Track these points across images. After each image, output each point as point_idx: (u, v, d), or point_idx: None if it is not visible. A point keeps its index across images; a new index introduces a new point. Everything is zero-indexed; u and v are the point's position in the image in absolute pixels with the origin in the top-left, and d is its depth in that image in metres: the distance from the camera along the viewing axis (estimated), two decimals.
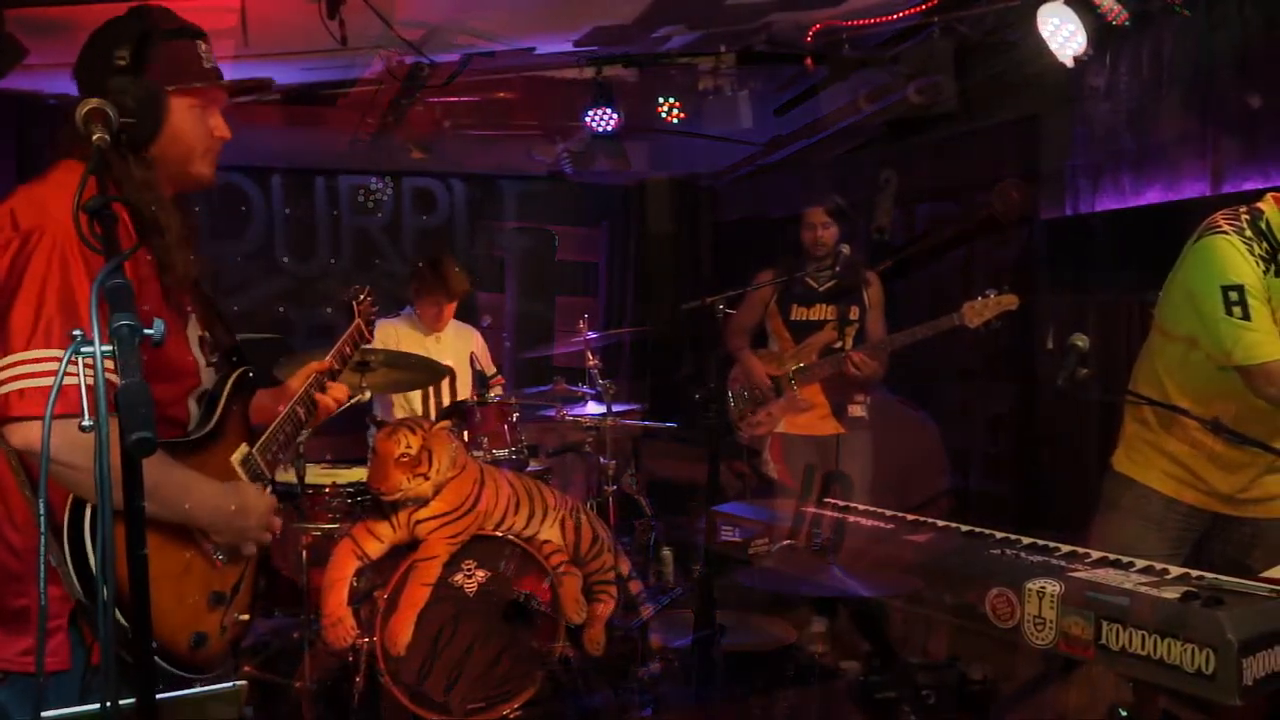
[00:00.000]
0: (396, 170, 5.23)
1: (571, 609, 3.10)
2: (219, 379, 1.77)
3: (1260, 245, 2.19)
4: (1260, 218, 2.22)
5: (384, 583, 2.93)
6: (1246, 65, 3.24)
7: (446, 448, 2.93)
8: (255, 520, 1.67)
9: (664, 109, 5.00)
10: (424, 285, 3.99)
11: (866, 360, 3.77)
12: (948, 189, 4.68)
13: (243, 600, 1.71)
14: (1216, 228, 2.22)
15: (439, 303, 4.00)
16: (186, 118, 1.62)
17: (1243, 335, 2.14)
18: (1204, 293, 2.19)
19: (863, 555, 1.94)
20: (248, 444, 1.78)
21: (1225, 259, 2.17)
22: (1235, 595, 1.54)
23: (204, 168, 1.67)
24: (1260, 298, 2.15)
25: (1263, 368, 2.14)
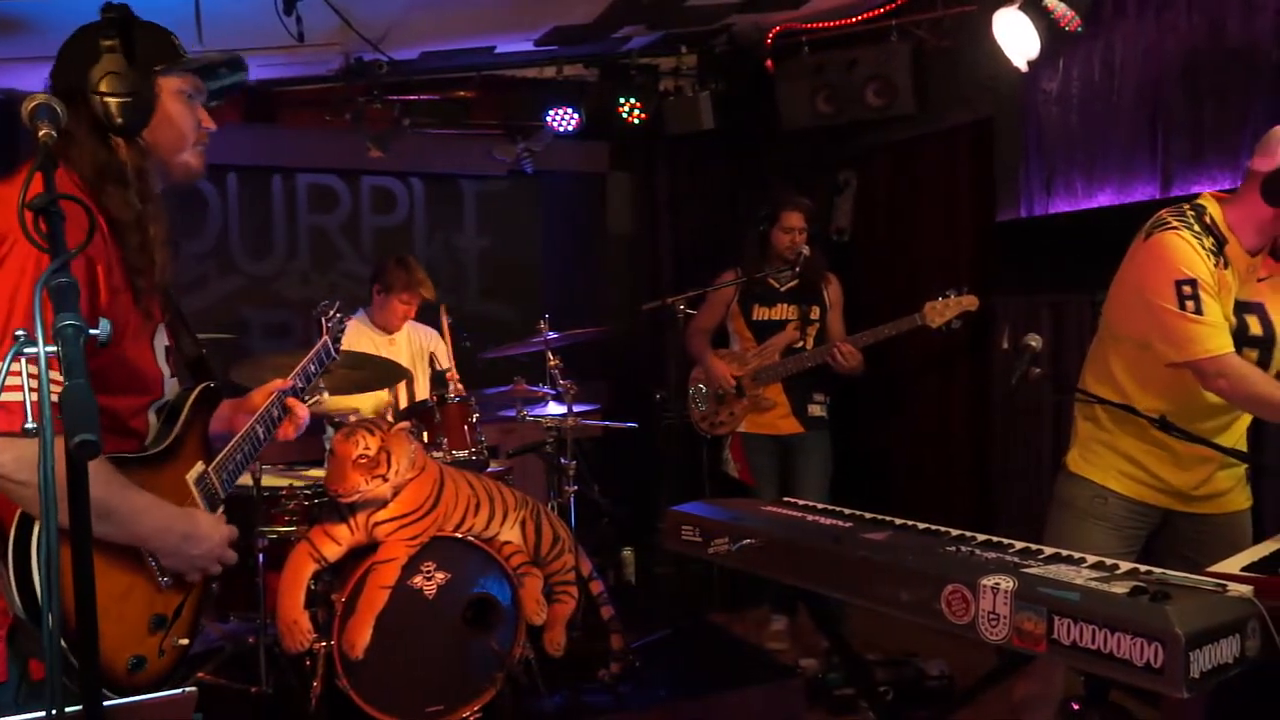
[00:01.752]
0: (354, 168, 5.18)
1: (532, 610, 3.09)
2: (182, 391, 1.73)
3: (1207, 239, 2.24)
4: (1204, 213, 2.27)
5: (342, 586, 2.90)
6: (1193, 71, 3.32)
7: (405, 449, 2.91)
8: (205, 549, 1.63)
9: (625, 109, 5.01)
10: (393, 283, 3.93)
11: (853, 351, 3.80)
12: (906, 190, 4.73)
13: (184, 624, 1.67)
14: (1166, 224, 2.26)
15: (406, 302, 3.95)
16: (176, 103, 1.61)
17: (1195, 330, 2.18)
18: (1156, 288, 2.23)
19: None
20: (204, 461, 1.74)
21: (1178, 253, 2.21)
22: (1182, 590, 1.57)
23: (195, 158, 1.66)
24: (1211, 292, 2.20)
25: (1214, 361, 2.18)
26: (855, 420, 4.63)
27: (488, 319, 5.41)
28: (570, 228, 5.76)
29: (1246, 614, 1.53)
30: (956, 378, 4.46)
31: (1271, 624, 1.55)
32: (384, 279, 3.95)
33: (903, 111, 4.39)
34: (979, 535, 1.96)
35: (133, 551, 1.55)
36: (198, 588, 1.70)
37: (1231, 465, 2.38)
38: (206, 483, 1.72)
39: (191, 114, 1.64)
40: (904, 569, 1.75)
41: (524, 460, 4.41)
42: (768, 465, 4.05)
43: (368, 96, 4.66)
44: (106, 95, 1.52)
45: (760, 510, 2.35)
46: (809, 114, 4.64)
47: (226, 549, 1.67)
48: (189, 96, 1.64)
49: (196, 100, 1.65)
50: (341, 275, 5.27)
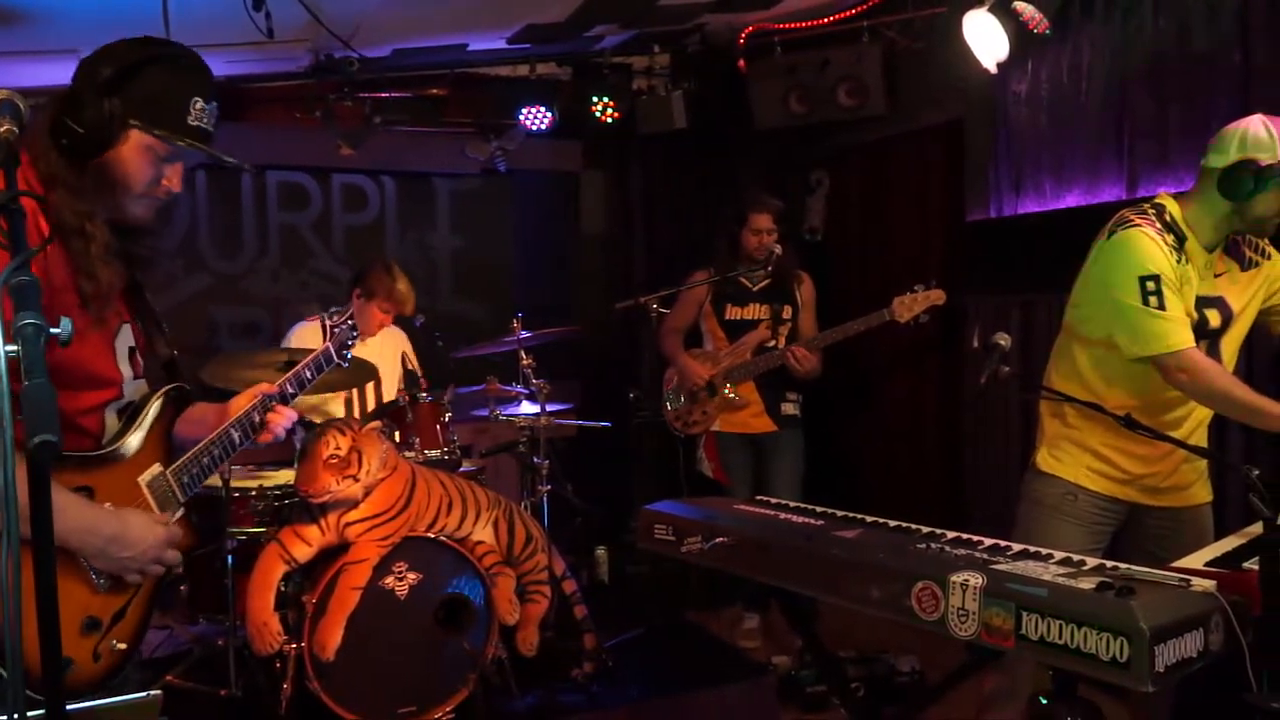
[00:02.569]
0: (325, 166, 5.14)
1: (504, 610, 3.09)
2: (148, 393, 1.70)
3: (1169, 236, 2.28)
4: (1164, 211, 2.32)
5: (312, 587, 2.89)
6: (1159, 74, 3.36)
7: (377, 449, 2.89)
8: (136, 552, 1.56)
9: (598, 108, 5.01)
10: (377, 291, 3.86)
11: (808, 355, 3.82)
12: (877, 190, 4.76)
13: (126, 628, 1.62)
14: (1130, 222, 2.31)
15: (386, 311, 3.89)
16: (136, 155, 1.56)
17: (1158, 325, 2.22)
18: (1121, 284, 2.27)
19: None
20: (162, 463, 1.70)
21: (1143, 250, 2.25)
22: (1147, 585, 1.60)
23: (137, 208, 1.60)
24: (1174, 287, 2.24)
25: (1175, 356, 2.22)
26: (828, 419, 4.65)
27: (460, 318, 5.38)
28: (543, 227, 5.74)
29: (1210, 608, 1.56)
30: (928, 377, 4.50)
31: (1234, 618, 1.58)
32: (366, 284, 3.88)
33: (874, 112, 4.41)
34: (949, 533, 1.98)
35: (65, 551, 1.51)
36: (145, 591, 1.64)
37: (1194, 458, 2.42)
38: (161, 484, 1.68)
39: (150, 170, 1.58)
40: (875, 566, 1.77)
41: (497, 460, 4.40)
42: (741, 464, 4.06)
43: (338, 94, 4.62)
44: (66, 115, 1.50)
45: (733, 509, 2.36)
46: (781, 114, 4.65)
47: (165, 550, 1.61)
48: (159, 158, 1.58)
49: (168, 163, 1.60)
50: (312, 274, 5.22)
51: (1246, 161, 2.19)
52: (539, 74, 4.98)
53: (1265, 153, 2.18)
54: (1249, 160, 2.18)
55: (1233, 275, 2.36)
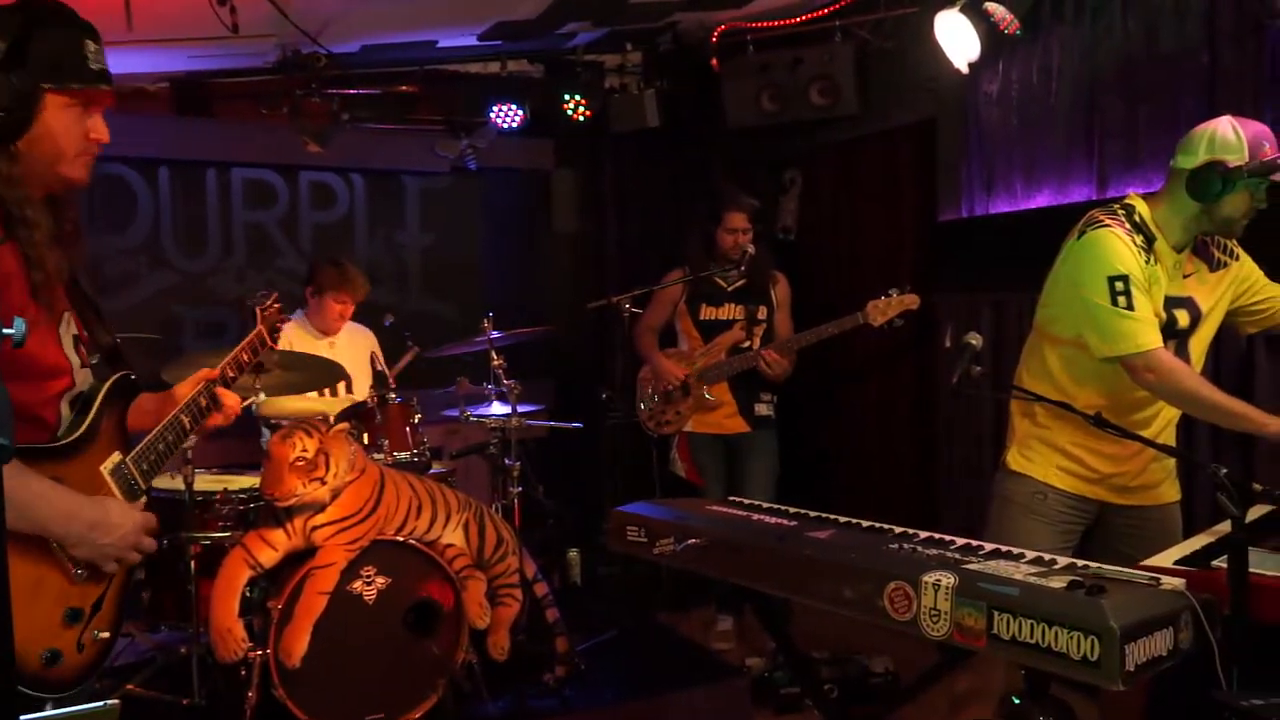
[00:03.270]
0: (292, 163, 5.09)
1: (475, 614, 3.07)
2: (95, 381, 1.69)
3: (1138, 236, 2.31)
4: (1134, 212, 2.35)
5: (278, 592, 2.85)
6: (1128, 75, 3.40)
7: (344, 451, 2.87)
8: (116, 538, 1.58)
9: (570, 106, 5.00)
10: (325, 285, 3.87)
11: (778, 359, 3.83)
12: (850, 190, 4.78)
13: (105, 617, 1.63)
14: (1099, 222, 2.33)
15: (342, 302, 3.89)
16: (60, 117, 1.55)
17: (1127, 325, 2.25)
18: (1090, 284, 2.29)
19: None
20: (121, 452, 1.69)
21: (1112, 250, 2.28)
22: (1117, 584, 1.61)
23: (75, 170, 1.59)
24: (1143, 288, 2.27)
25: (1143, 356, 2.24)
26: (801, 419, 4.67)
27: (430, 318, 5.35)
28: (514, 225, 5.72)
29: (1180, 607, 1.57)
30: (900, 377, 4.53)
31: (1204, 616, 1.60)
32: (316, 280, 3.89)
33: (846, 111, 4.44)
34: (921, 533, 1.99)
35: (40, 542, 1.51)
36: (118, 579, 1.66)
37: (1163, 457, 2.45)
38: (124, 473, 1.68)
39: (78, 127, 1.57)
40: (847, 567, 1.77)
41: (467, 462, 4.37)
42: (714, 464, 4.06)
43: (305, 90, 4.57)
44: None
45: (705, 510, 2.36)
46: (754, 113, 4.66)
47: (143, 537, 1.62)
48: (81, 108, 1.57)
49: (94, 109, 1.59)
50: (279, 272, 5.17)
51: (1214, 163, 2.22)
52: (510, 71, 4.97)
53: (1233, 154, 2.21)
54: (1217, 161, 2.22)
55: (1201, 276, 2.40)
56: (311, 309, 3.94)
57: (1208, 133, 2.25)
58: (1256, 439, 2.93)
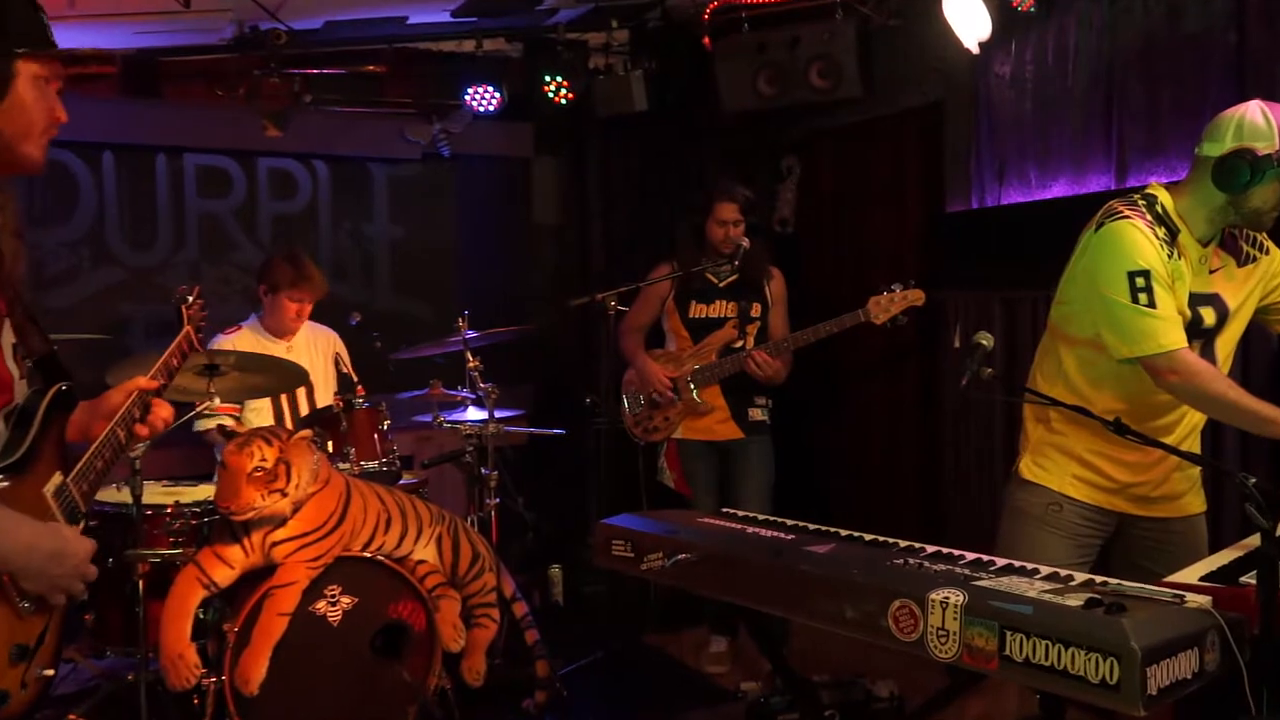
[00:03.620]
0: (250, 149, 5.06)
1: (449, 636, 3.07)
2: (33, 394, 1.66)
3: (1160, 229, 2.31)
4: (1155, 202, 2.35)
5: (234, 614, 2.85)
6: (1150, 56, 3.42)
7: (307, 460, 2.86)
8: (70, 568, 1.57)
9: (550, 88, 4.99)
10: (281, 282, 3.84)
11: (769, 360, 3.83)
12: (852, 179, 4.80)
13: (47, 652, 1.61)
14: (1118, 214, 2.33)
15: (299, 300, 3.87)
16: (32, 89, 1.55)
17: (1148, 323, 2.25)
18: (1109, 280, 2.29)
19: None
20: (62, 471, 1.67)
21: (1132, 244, 2.27)
22: (1138, 601, 1.62)
23: (37, 150, 1.59)
24: (1165, 284, 2.26)
25: (1167, 357, 2.24)
26: (799, 424, 4.67)
27: (400, 316, 5.33)
28: (491, 216, 5.71)
29: (1205, 626, 1.58)
30: (906, 379, 4.54)
31: (1231, 636, 1.60)
32: (269, 277, 3.86)
33: (848, 94, 4.44)
34: (928, 547, 1.99)
35: None
36: (60, 612, 1.64)
37: (1187, 466, 2.46)
38: (66, 495, 1.66)
39: (46, 101, 1.58)
40: (849, 584, 1.77)
41: (441, 471, 4.36)
42: (705, 474, 4.06)
43: (264, 69, 4.55)
44: None
45: (697, 522, 2.36)
46: (750, 96, 4.66)
47: (88, 564, 1.61)
48: (47, 82, 1.58)
49: (53, 83, 1.59)
50: (236, 267, 5.14)
51: (1243, 150, 2.22)
52: (486, 50, 4.95)
53: (1263, 141, 2.21)
54: (1245, 149, 2.21)
55: (1228, 271, 2.39)
56: (266, 309, 3.91)
57: (1235, 118, 2.25)
58: None
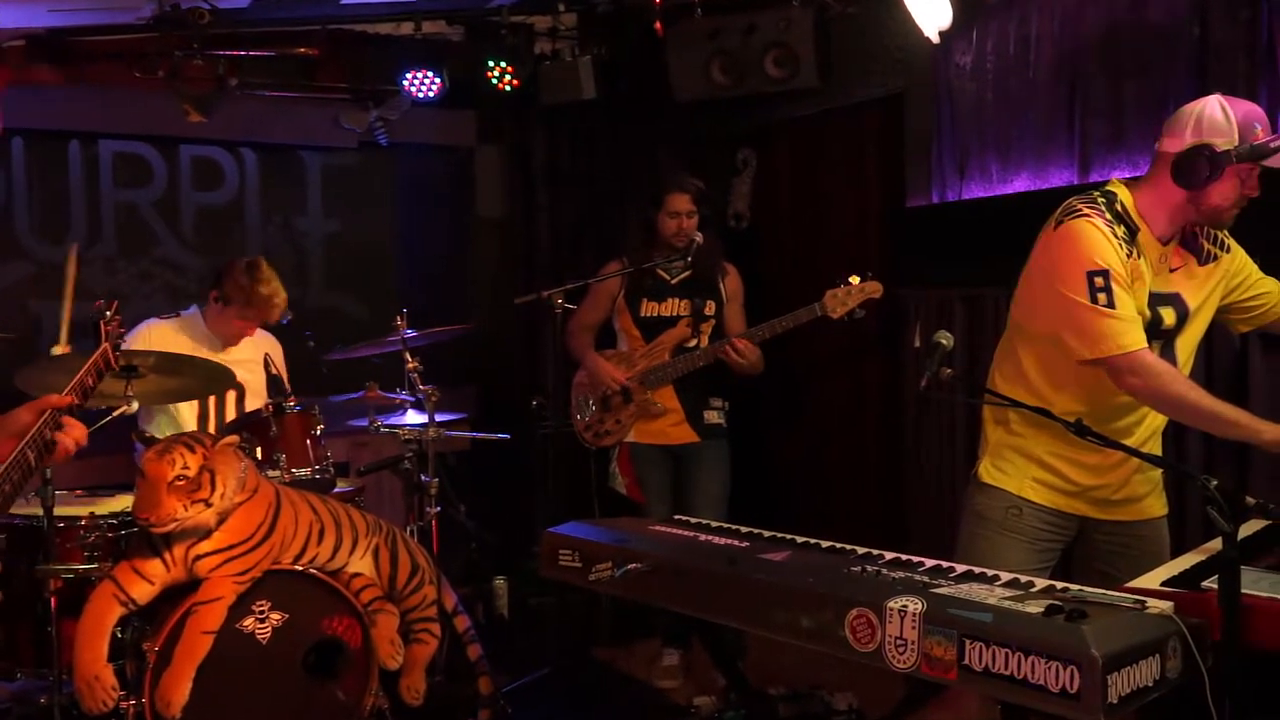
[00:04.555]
0: (171, 135, 4.98)
1: (386, 653, 3.05)
2: None
3: (1120, 227, 2.36)
4: (1115, 200, 2.40)
5: (155, 633, 2.80)
6: (1112, 48, 3.49)
7: (233, 468, 2.83)
8: None
9: (494, 74, 4.97)
10: (235, 299, 3.75)
11: (751, 346, 3.84)
12: (809, 172, 4.83)
13: None
14: (1077, 211, 2.37)
15: (247, 320, 3.80)
16: None
17: (1108, 324, 2.29)
18: (1067, 279, 2.33)
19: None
20: None
21: (1091, 243, 2.32)
22: (1099, 608, 1.65)
23: None
24: (1124, 284, 2.31)
25: (1128, 358, 2.29)
26: (756, 427, 4.70)
27: (335, 314, 5.29)
28: (431, 209, 5.68)
29: (1167, 632, 1.62)
30: (866, 380, 4.59)
31: (1193, 643, 1.64)
32: (224, 286, 3.78)
33: (805, 84, 4.47)
34: (887, 554, 2.02)
35: None
36: None
37: (1148, 469, 2.52)
38: None
39: None
40: (805, 593, 1.79)
41: (378, 478, 4.33)
42: (659, 479, 4.08)
43: (186, 50, 4.47)
44: None
45: (647, 530, 2.37)
46: (703, 85, 4.68)
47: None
48: None
49: None
50: (157, 262, 5.06)
51: (1201, 146, 2.27)
52: (426, 33, 4.91)
53: (1221, 137, 2.26)
54: (1204, 145, 2.26)
55: (1189, 270, 2.45)
56: (211, 312, 3.85)
57: (1195, 113, 2.31)
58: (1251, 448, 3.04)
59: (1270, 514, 1.84)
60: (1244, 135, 2.26)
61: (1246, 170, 2.28)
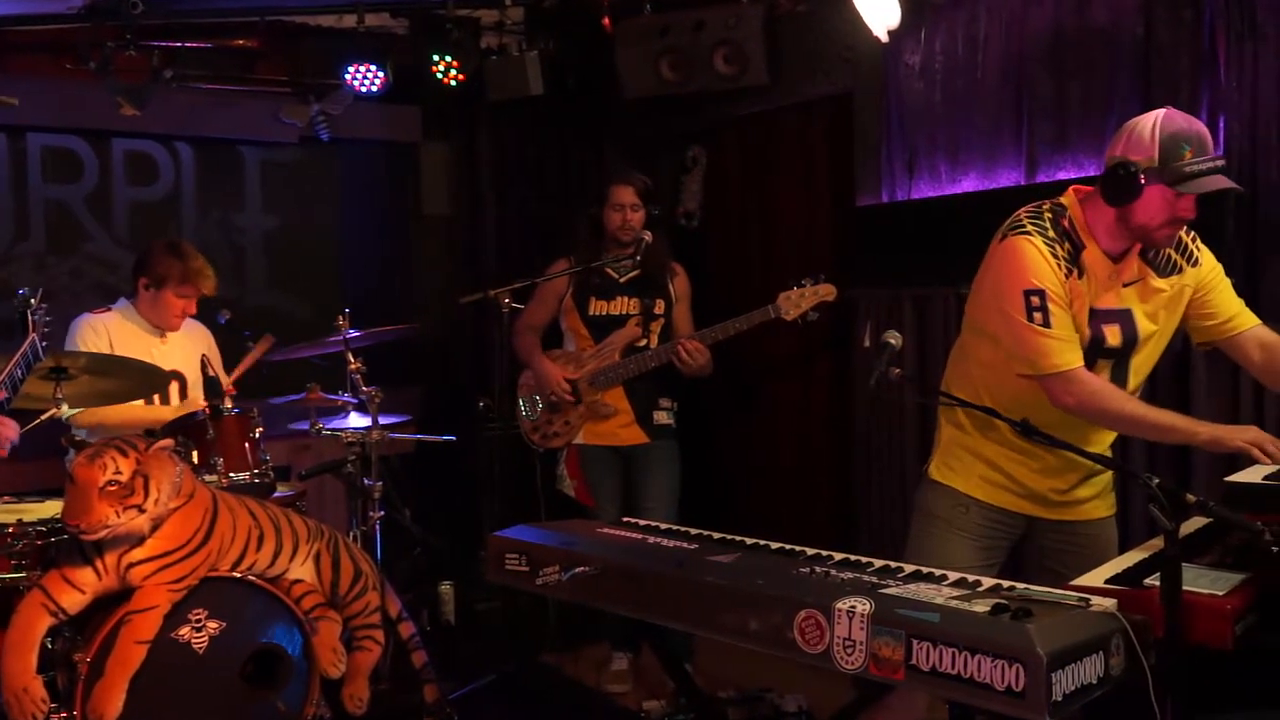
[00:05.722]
0: (103, 129, 4.89)
1: (328, 661, 3.03)
2: None
3: (1063, 246, 2.38)
4: (1063, 214, 2.41)
5: (86, 643, 2.75)
6: (1058, 49, 3.56)
7: (168, 472, 2.78)
8: None
9: (439, 69, 4.94)
10: (168, 277, 3.72)
11: (700, 348, 3.86)
12: (759, 171, 4.87)
13: None
14: (1020, 227, 2.39)
15: (186, 297, 3.76)
16: None
17: (1042, 343, 2.33)
18: (1007, 295, 2.37)
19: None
20: None
21: (1029, 262, 2.35)
22: (1044, 606, 1.69)
23: None
24: (1061, 303, 2.35)
25: (1062, 377, 2.33)
26: (706, 428, 4.72)
27: (275, 314, 5.22)
28: (375, 206, 5.64)
29: (1110, 630, 1.66)
30: (818, 379, 4.63)
31: (1136, 640, 1.68)
32: (152, 271, 3.74)
33: (755, 82, 4.51)
34: (836, 554, 2.04)
35: None
36: None
37: (1096, 470, 2.57)
38: None
39: None
40: (753, 595, 1.80)
41: (320, 482, 4.30)
42: (608, 481, 4.08)
43: (119, 41, 4.40)
44: None
45: (595, 533, 2.37)
46: (652, 81, 4.70)
47: None
48: None
49: None
50: (88, 259, 4.98)
51: (1119, 164, 2.27)
52: (369, 26, 4.86)
53: (1141, 155, 2.25)
54: (1123, 162, 2.27)
55: (1146, 284, 2.43)
56: (144, 301, 3.79)
57: (1129, 128, 2.30)
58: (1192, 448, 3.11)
59: (1210, 511, 1.88)
60: (1166, 156, 2.23)
61: (1173, 191, 2.24)
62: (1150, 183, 2.25)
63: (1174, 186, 2.24)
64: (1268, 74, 3.06)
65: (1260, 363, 2.47)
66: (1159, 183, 2.24)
